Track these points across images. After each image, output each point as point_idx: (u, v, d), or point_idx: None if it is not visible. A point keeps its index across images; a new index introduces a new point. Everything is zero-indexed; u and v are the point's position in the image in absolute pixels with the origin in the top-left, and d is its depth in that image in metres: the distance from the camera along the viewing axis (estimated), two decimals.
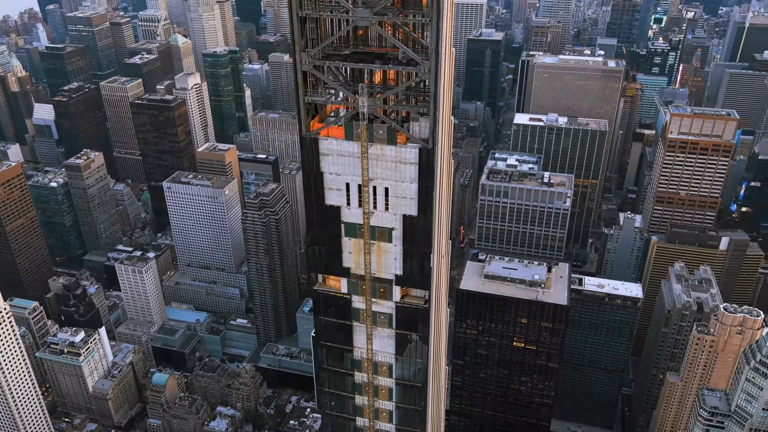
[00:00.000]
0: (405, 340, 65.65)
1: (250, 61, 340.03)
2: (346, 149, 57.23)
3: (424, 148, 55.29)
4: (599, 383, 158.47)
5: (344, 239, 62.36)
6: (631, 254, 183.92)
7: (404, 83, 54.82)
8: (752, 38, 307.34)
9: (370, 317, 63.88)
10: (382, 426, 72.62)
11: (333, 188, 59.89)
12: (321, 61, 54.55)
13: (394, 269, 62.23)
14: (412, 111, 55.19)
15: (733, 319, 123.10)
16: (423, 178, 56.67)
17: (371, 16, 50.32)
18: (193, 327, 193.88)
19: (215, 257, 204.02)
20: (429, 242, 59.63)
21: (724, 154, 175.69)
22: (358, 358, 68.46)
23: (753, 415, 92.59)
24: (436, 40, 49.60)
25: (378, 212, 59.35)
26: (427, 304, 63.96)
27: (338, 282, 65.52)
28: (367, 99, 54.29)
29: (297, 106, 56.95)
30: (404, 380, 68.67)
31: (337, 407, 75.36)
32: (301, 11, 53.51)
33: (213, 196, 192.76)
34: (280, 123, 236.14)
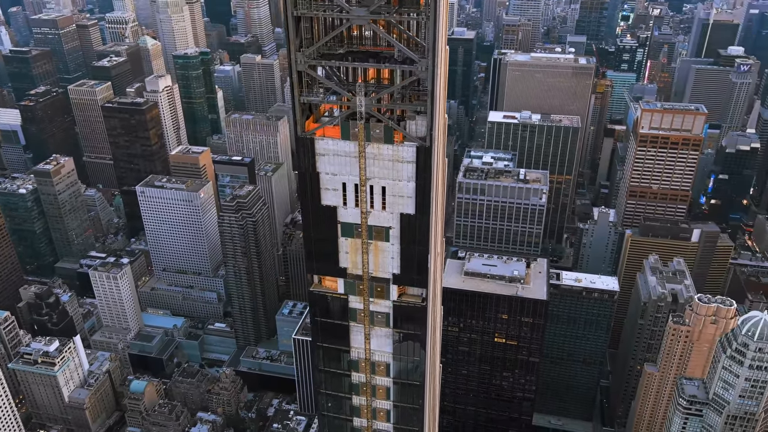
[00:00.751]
0: (403, 339, 65.67)
1: (221, 62, 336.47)
2: (343, 149, 56.96)
3: (422, 146, 55.33)
4: (578, 376, 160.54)
5: (341, 239, 62.08)
6: (606, 248, 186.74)
7: (401, 82, 54.65)
8: (716, 34, 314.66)
9: (368, 317, 63.69)
10: (379, 426, 72.56)
11: (329, 188, 59.56)
12: (316, 60, 54.15)
13: (392, 268, 62.18)
14: (409, 109, 55.15)
15: (707, 309, 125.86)
16: (420, 177, 56.68)
17: (368, 14, 50.12)
18: (171, 333, 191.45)
19: (191, 261, 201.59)
20: (426, 240, 59.70)
21: (693, 148, 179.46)
22: (355, 358, 68.24)
23: (730, 402, 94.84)
24: (434, 38, 49.68)
25: (375, 211, 59.20)
26: (425, 302, 64.11)
27: (334, 282, 65.20)
28: (365, 98, 53.94)
29: (292, 107, 56.40)
30: (402, 379, 68.72)
31: (334, 408, 75.11)
32: (296, 10, 53.02)
33: (188, 200, 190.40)
34: (254, 124, 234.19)
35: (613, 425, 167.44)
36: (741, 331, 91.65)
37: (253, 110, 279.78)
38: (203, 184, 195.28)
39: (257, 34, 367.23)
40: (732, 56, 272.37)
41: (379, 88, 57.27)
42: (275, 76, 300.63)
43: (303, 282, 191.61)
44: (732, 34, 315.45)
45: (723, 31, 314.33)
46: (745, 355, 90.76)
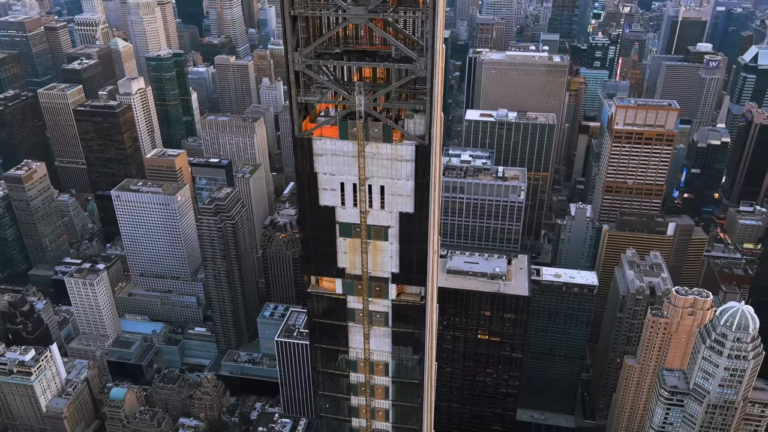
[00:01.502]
0: (401, 338, 65.65)
1: (195, 64, 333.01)
2: (341, 149, 56.67)
3: (421, 145, 55.31)
4: (560, 370, 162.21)
5: (339, 239, 61.78)
6: (584, 243, 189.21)
7: (399, 81, 54.44)
8: (685, 31, 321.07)
9: (368, 317, 63.50)
10: (378, 425, 72.43)
11: (327, 189, 59.21)
12: (313, 60, 53.76)
13: (390, 267, 62.06)
14: (407, 108, 55.05)
15: (684, 301, 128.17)
16: (419, 175, 56.66)
17: (366, 13, 49.92)
18: (150, 338, 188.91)
19: (169, 266, 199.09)
20: (426, 239, 59.73)
21: (667, 143, 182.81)
22: (353, 358, 68.03)
23: (710, 392, 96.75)
24: (433, 36, 49.69)
25: (374, 211, 59.04)
26: (423, 300, 64.13)
27: (332, 283, 64.88)
28: (364, 97, 53.70)
29: (290, 107, 55.96)
30: (401, 378, 68.68)
31: (332, 409, 74.90)
32: (293, 10, 52.58)
33: (165, 203, 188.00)
34: (230, 126, 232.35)
35: (595, 418, 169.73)
36: (719, 322, 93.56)
37: (228, 112, 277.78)
38: (180, 187, 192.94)
39: (230, 35, 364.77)
40: (701, 53, 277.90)
41: (376, 87, 57.06)
42: (250, 77, 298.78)
43: (284, 284, 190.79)
44: (700, 31, 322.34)
45: (691, 28, 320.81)
46: (724, 345, 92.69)
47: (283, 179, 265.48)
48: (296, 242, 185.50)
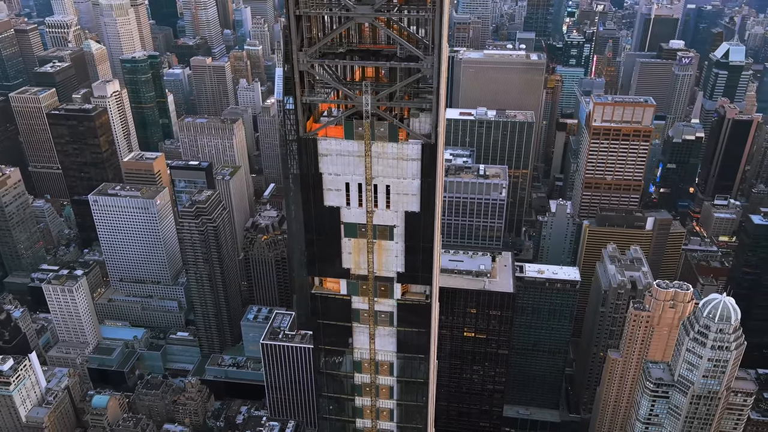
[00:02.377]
0: (407, 337, 65.47)
1: (170, 65, 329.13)
2: (346, 148, 56.23)
3: (427, 143, 55.16)
4: (544, 366, 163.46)
5: (344, 240, 61.35)
6: (564, 239, 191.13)
7: (405, 79, 54.01)
8: (658, 28, 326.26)
9: (373, 317, 63.19)
10: (383, 425, 72.21)
11: (332, 189, 58.71)
12: (319, 60, 53.26)
13: (396, 267, 61.84)
14: (413, 107, 54.83)
15: (665, 294, 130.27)
16: (425, 174, 56.47)
17: (372, 12, 49.59)
18: (131, 344, 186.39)
19: (149, 270, 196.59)
20: (431, 237, 59.66)
21: (644, 138, 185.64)
22: (358, 359, 67.68)
23: (694, 383, 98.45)
24: (440, 35, 49.59)
25: (379, 210, 58.74)
26: (429, 299, 64.05)
27: (336, 284, 64.40)
28: (370, 97, 53.22)
29: (294, 107, 55.41)
30: (406, 377, 68.53)
31: (336, 411, 74.47)
32: (297, 9, 51.96)
33: (144, 207, 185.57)
34: (208, 128, 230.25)
35: (579, 411, 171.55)
36: (702, 314, 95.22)
37: (205, 113, 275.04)
38: (159, 191, 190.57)
39: (206, 36, 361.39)
40: (673, 49, 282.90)
41: (380, 87, 56.60)
42: (227, 79, 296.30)
43: (266, 286, 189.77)
44: (672, 29, 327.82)
45: (664, 25, 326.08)
46: (707, 337, 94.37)
47: (263, 181, 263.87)
48: (279, 244, 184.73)
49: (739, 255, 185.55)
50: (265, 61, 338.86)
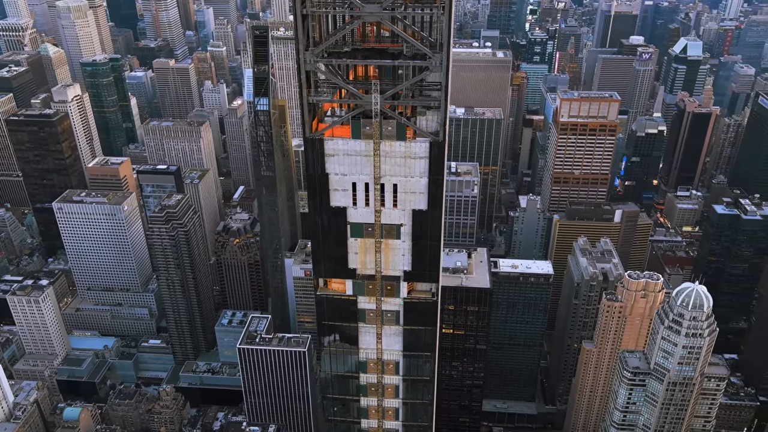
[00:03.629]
0: (413, 336, 65.30)
1: (131, 68, 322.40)
2: (353, 148, 55.67)
3: (435, 141, 54.99)
4: (520, 359, 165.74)
5: (350, 240, 60.79)
6: (536, 234, 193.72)
7: (413, 78, 53.56)
8: (617, 25, 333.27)
9: (380, 316, 62.80)
10: (388, 425, 71.93)
11: (339, 189, 58.08)
12: (325, 59, 52.54)
13: (402, 265, 61.62)
14: (419, 105, 54.57)
15: (637, 284, 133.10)
16: (433, 172, 56.36)
17: (380, 11, 49.14)
18: (102, 354, 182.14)
19: (118, 278, 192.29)
20: (439, 235, 59.60)
21: (610, 133, 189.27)
22: (363, 359, 67.20)
23: (670, 370, 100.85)
24: (448, 33, 49.44)
25: (386, 209, 58.38)
26: (435, 297, 63.99)
27: (342, 285, 63.85)
28: (379, 96, 52.58)
29: (301, 107, 54.60)
30: (411, 376, 68.38)
31: (340, 412, 73.97)
32: (304, 8, 51.21)
33: (111, 213, 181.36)
34: (174, 131, 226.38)
35: (555, 403, 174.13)
36: (676, 302, 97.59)
37: (170, 117, 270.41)
38: (126, 196, 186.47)
39: (168, 37, 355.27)
40: (633, 45, 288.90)
41: (385, 86, 55.95)
42: (191, 81, 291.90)
43: (240, 290, 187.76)
44: (632, 25, 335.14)
45: (623, 22, 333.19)
46: (682, 324, 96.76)
47: (231, 184, 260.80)
48: (251, 247, 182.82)
49: (703, 244, 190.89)
50: (230, 63, 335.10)
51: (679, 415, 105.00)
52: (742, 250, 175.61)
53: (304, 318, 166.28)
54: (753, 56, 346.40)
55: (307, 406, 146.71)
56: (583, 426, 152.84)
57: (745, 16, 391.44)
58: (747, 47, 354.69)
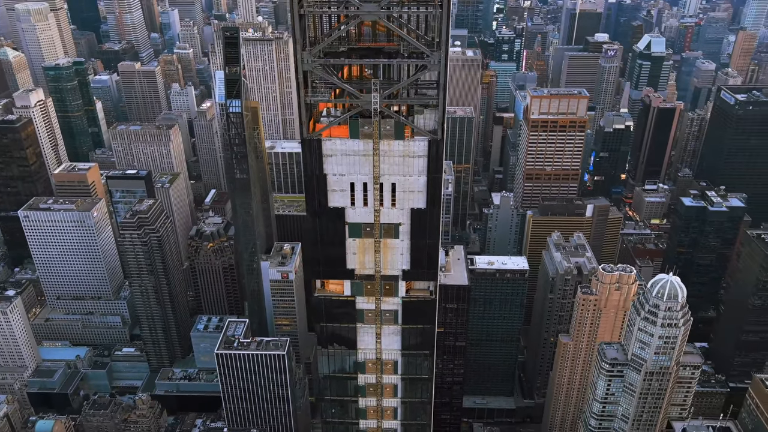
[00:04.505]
0: (411, 335, 65.14)
1: (95, 72, 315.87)
2: (352, 148, 55.24)
3: (433, 139, 54.88)
4: (498, 355, 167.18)
5: (348, 241, 60.34)
6: (510, 230, 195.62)
7: (412, 76, 53.26)
8: (583, 22, 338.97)
9: (379, 316, 62.46)
10: (386, 424, 71.61)
11: (337, 190, 57.57)
12: (323, 59, 51.93)
13: (401, 264, 61.41)
14: (417, 104, 54.38)
15: (611, 277, 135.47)
16: (432, 170, 56.26)
17: (378, 10, 48.76)
18: (74, 364, 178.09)
19: (89, 286, 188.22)
20: (437, 233, 59.51)
21: (579, 129, 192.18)
22: (361, 359, 66.82)
23: (647, 360, 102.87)
24: (447, 31, 49.37)
25: (384, 209, 58.05)
26: (433, 295, 63.92)
27: (339, 285, 63.34)
28: (379, 95, 52.09)
29: (298, 108, 53.88)
30: (410, 375, 68.18)
31: (338, 414, 73.44)
32: (301, 8, 50.62)
33: (80, 220, 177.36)
34: (143, 135, 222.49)
35: (533, 397, 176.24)
36: (652, 294, 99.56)
37: (137, 120, 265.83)
38: (95, 203, 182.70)
39: (132, 40, 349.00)
40: (599, 42, 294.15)
41: (390, 85, 55.49)
42: (158, 84, 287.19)
43: (215, 295, 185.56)
44: (596, 22, 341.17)
45: (588, 19, 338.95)
46: (657, 315, 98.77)
47: (202, 187, 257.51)
48: (225, 251, 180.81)
49: (672, 236, 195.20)
50: (197, 65, 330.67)
51: (656, 404, 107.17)
52: (709, 241, 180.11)
53: (281, 321, 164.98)
54: (712, 52, 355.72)
55: (288, 408, 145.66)
56: (561, 418, 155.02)
57: (704, 13, 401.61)
58: (707, 43, 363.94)
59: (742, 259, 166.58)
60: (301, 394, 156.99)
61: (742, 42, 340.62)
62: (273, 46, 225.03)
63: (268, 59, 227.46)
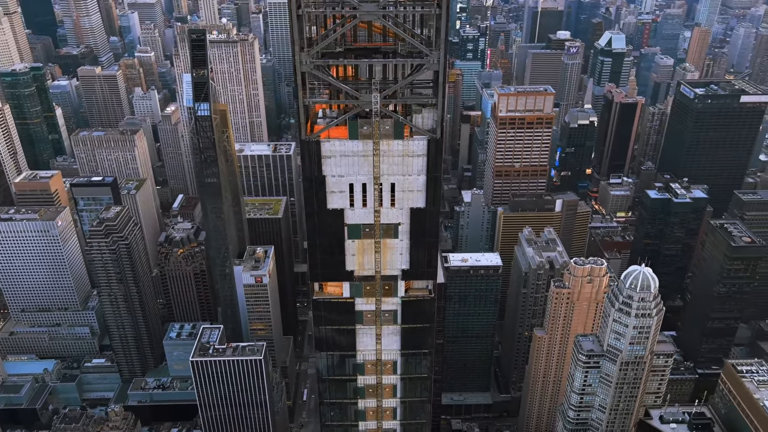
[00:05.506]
0: (411, 334, 64.79)
1: (54, 77, 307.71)
2: (351, 149, 54.61)
3: (432, 138, 54.60)
4: (474, 351, 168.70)
5: (347, 242, 59.66)
6: (481, 227, 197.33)
7: (411, 75, 52.82)
8: (544, 20, 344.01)
9: (379, 317, 61.94)
10: (385, 425, 71.11)
11: (336, 191, 56.86)
12: (322, 60, 51.13)
13: (401, 264, 61.00)
14: (414, 103, 54.03)
15: (583, 270, 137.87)
16: (431, 169, 56.01)
17: (378, 10, 48.24)
18: (41, 378, 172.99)
19: (55, 297, 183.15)
20: (437, 231, 59.29)
21: (546, 125, 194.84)
22: (360, 361, 66.21)
23: (622, 351, 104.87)
24: (446, 30, 49.17)
25: (383, 209, 57.55)
26: (432, 293, 63.73)
27: (338, 288, 62.58)
28: (378, 95, 51.50)
29: (297, 110, 52.96)
30: (409, 374, 67.85)
31: (338, 416, 72.73)
32: (299, 9, 49.82)
33: (44, 230, 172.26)
34: (106, 141, 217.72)
35: (509, 391, 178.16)
36: (625, 285, 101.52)
37: (99, 126, 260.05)
38: (59, 211, 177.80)
39: (91, 44, 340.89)
40: (561, 40, 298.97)
41: (387, 84, 54.92)
42: (120, 88, 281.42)
43: (186, 302, 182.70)
44: (558, 20, 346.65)
45: (550, 17, 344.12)
46: (631, 306, 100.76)
47: (169, 192, 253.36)
48: (196, 256, 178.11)
49: (639, 228, 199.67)
50: (159, 68, 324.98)
51: (632, 393, 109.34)
52: (674, 231, 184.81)
53: (256, 325, 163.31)
54: (670, 47, 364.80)
55: (266, 413, 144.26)
56: (537, 411, 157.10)
57: (660, 10, 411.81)
58: (664, 39, 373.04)
59: (706, 248, 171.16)
60: (279, 398, 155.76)
61: (697, 37, 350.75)
62: (238, 47, 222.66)
63: (234, 61, 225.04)
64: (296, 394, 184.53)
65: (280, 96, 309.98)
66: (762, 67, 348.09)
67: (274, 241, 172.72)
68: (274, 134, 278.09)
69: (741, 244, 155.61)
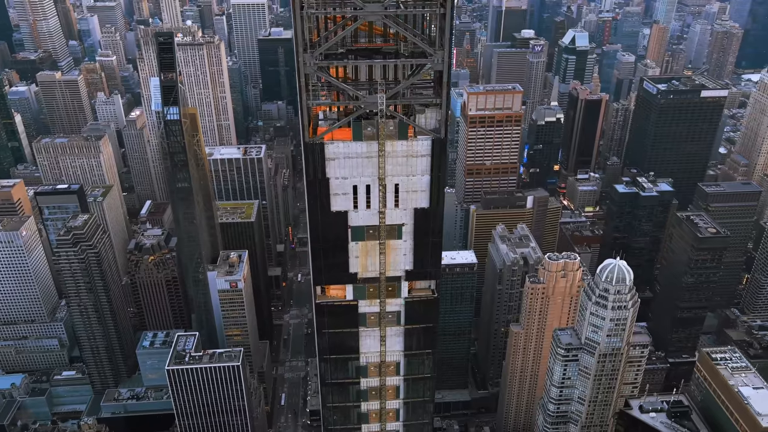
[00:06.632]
0: (414, 335, 64.34)
1: (11, 83, 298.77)
2: (355, 150, 53.85)
3: (437, 138, 54.24)
4: (451, 349, 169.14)
5: (351, 244, 58.85)
6: (455, 225, 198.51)
7: (413, 76, 52.28)
8: (509, 20, 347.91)
9: (383, 319, 61.29)
10: (388, 426, 70.46)
11: (339, 193, 56.02)
12: (325, 61, 50.22)
13: (404, 265, 60.50)
14: (417, 103, 53.58)
15: (557, 265, 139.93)
16: (435, 169, 55.67)
17: (381, 10, 47.60)
18: (9, 393, 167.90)
19: (20, 309, 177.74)
20: (440, 231, 58.95)
21: (515, 123, 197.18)
22: (363, 364, 65.47)
23: (600, 343, 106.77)
24: (450, 30, 48.84)
25: (387, 210, 56.96)
26: (435, 293, 63.34)
27: (341, 290, 61.78)
28: (382, 96, 50.80)
29: (300, 112, 51.93)
30: (412, 375, 67.35)
31: (341, 420, 71.74)
32: (302, 10, 49.09)
33: (7, 240, 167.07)
34: (70, 147, 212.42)
35: (487, 387, 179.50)
36: (601, 278, 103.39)
37: (60, 133, 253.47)
38: (23, 221, 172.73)
39: (49, 48, 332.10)
40: (526, 39, 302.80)
41: (391, 85, 54.51)
42: (81, 93, 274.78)
43: (158, 309, 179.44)
44: (522, 19, 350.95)
45: (514, 16, 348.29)
46: (608, 299, 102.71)
47: (136, 199, 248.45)
48: (168, 263, 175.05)
49: (608, 222, 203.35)
50: (122, 72, 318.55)
51: (610, 385, 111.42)
52: (642, 225, 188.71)
53: (232, 331, 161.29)
54: (630, 44, 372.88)
55: (244, 419, 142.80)
56: (516, 406, 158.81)
57: (619, 8, 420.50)
58: (624, 36, 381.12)
59: (673, 240, 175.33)
60: (257, 404, 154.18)
61: (656, 35, 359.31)
62: (204, 50, 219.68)
63: (200, 64, 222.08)
64: (274, 398, 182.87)
65: (246, 98, 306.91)
66: (718, 63, 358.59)
67: (247, 246, 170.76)
68: (242, 137, 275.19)
69: (707, 235, 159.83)
